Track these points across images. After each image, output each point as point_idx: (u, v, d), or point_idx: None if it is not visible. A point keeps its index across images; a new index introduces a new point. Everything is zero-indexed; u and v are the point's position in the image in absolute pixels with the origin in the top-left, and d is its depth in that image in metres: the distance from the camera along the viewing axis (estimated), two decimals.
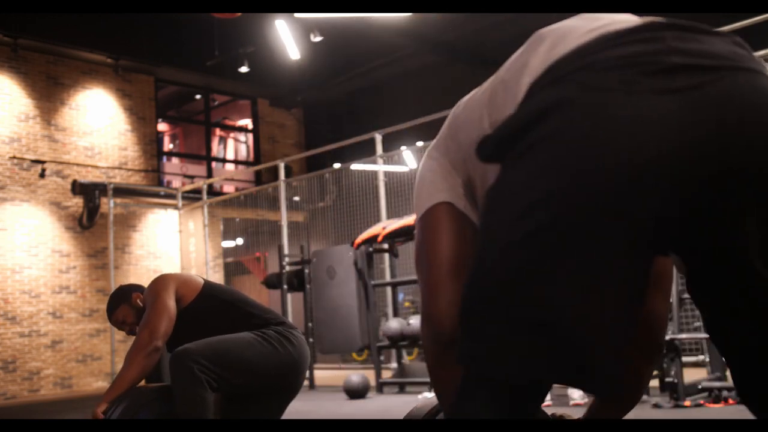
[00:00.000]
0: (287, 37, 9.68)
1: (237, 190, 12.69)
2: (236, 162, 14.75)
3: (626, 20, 1.12)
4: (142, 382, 2.84)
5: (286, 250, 8.44)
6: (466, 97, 1.37)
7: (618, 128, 0.98)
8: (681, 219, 1.02)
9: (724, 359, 1.15)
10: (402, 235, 6.59)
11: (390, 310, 7.67)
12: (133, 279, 10.99)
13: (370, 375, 6.87)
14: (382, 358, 7.13)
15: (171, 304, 2.78)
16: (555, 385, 5.46)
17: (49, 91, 10.57)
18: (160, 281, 2.86)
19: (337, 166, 9.43)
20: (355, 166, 9.09)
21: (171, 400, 2.62)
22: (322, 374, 8.92)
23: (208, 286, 2.94)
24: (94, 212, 10.56)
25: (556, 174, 0.99)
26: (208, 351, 2.62)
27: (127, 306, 2.93)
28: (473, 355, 1.06)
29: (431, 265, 1.32)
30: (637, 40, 1.05)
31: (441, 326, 1.29)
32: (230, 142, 15.06)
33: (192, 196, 11.31)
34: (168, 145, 15.30)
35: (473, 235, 1.31)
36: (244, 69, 10.97)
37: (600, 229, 0.99)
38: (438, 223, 1.33)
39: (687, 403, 4.58)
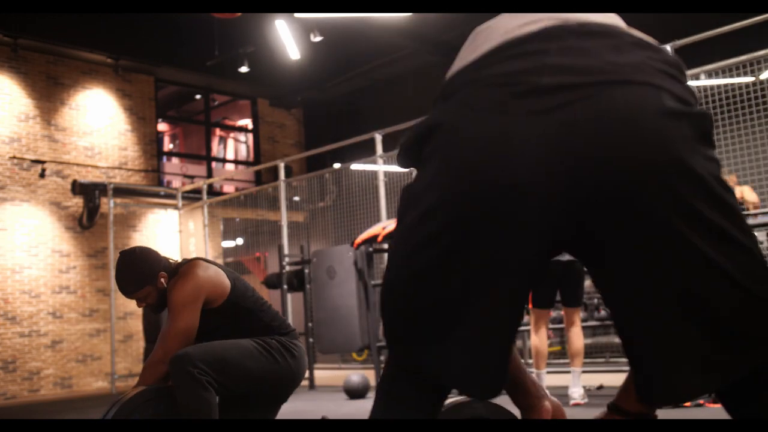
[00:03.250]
0: (287, 37, 9.68)
1: (237, 190, 12.68)
2: (236, 162, 14.75)
3: (530, 22, 1.10)
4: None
5: (286, 250, 8.44)
6: None
7: (485, 150, 1.01)
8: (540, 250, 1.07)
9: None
10: None
11: None
12: None
13: (370, 375, 6.87)
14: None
15: (194, 322, 2.70)
16: (554, 385, 5.46)
17: (49, 91, 10.58)
18: (194, 286, 2.71)
19: (337, 166, 9.42)
20: (355, 166, 9.09)
21: (167, 401, 2.62)
22: (322, 374, 8.92)
23: (234, 292, 2.83)
24: (94, 212, 10.56)
25: (438, 187, 1.06)
26: (208, 357, 2.61)
27: (152, 287, 2.77)
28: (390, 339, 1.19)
29: None
30: (520, 53, 1.05)
31: None
32: (230, 142, 15.06)
33: (192, 196, 11.30)
34: (168, 145, 15.31)
35: None
36: (244, 69, 10.96)
37: (470, 244, 1.04)
38: None
39: (687, 403, 4.58)
